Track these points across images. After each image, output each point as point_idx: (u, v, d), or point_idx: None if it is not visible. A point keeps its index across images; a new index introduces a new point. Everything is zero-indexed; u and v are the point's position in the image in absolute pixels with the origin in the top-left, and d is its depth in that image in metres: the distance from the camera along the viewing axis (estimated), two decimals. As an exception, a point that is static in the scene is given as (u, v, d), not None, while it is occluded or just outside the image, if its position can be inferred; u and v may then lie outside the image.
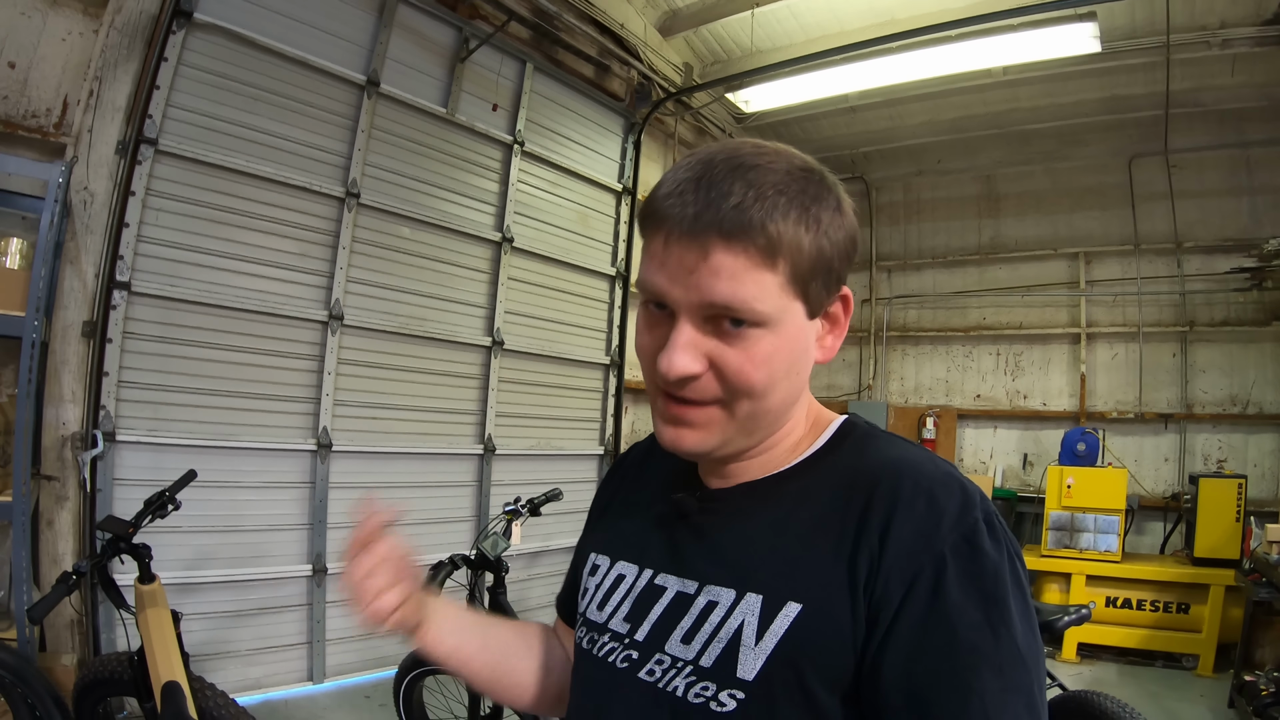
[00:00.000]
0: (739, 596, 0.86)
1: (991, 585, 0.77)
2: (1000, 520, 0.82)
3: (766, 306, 0.82)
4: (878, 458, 0.89)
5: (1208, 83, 6.96)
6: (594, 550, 1.10)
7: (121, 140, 4.05)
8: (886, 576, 0.78)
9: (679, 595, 0.92)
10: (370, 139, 5.20)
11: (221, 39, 4.44)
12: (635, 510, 1.09)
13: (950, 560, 0.77)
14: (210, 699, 2.84)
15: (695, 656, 0.87)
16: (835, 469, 0.91)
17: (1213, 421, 7.59)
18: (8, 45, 3.79)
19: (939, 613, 0.76)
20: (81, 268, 3.95)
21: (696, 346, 0.83)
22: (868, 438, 0.95)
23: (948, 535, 0.79)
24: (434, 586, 3.08)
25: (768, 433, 0.93)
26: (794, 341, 0.86)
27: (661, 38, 7.41)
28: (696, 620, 0.89)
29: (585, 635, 1.03)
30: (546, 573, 6.46)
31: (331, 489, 5.00)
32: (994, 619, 0.75)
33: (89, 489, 3.94)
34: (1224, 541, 6.28)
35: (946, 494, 0.81)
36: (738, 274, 0.80)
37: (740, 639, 0.83)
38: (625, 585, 1.00)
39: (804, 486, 0.91)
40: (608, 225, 7.18)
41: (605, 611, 1.01)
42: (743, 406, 0.86)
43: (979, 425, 8.81)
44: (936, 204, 9.32)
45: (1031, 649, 0.77)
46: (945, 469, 0.86)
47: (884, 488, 0.83)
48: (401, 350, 5.47)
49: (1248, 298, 7.45)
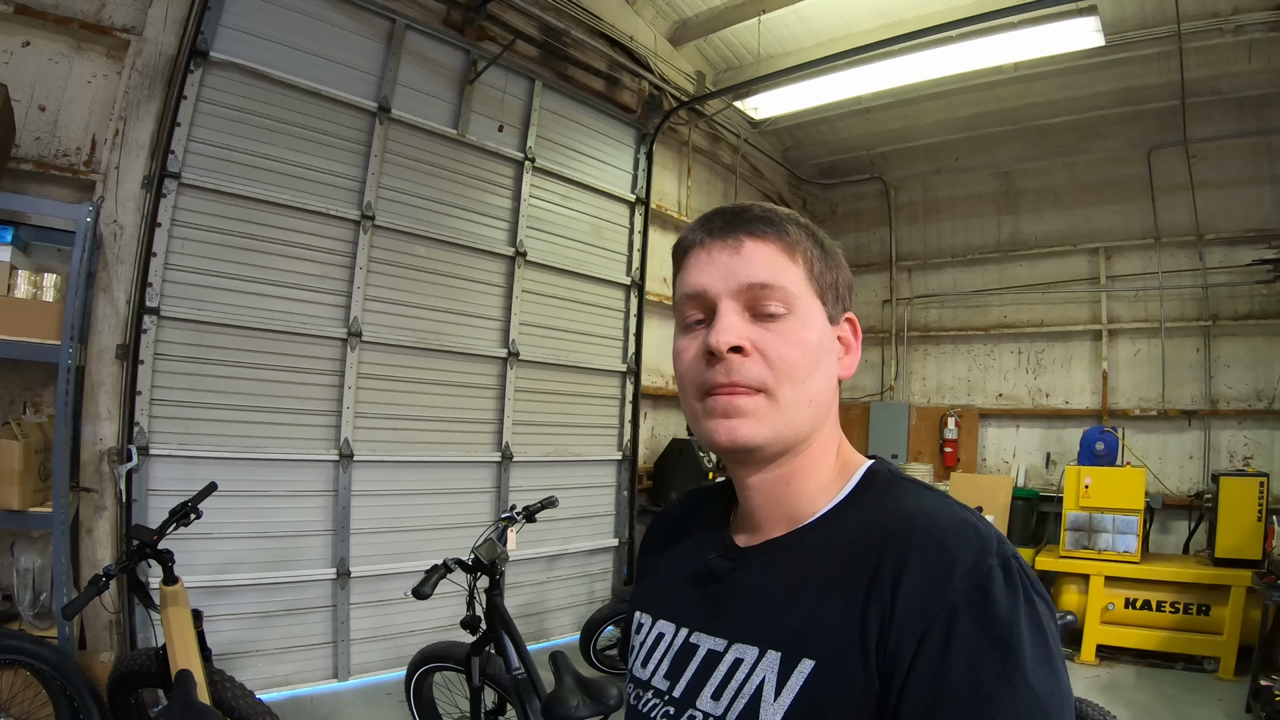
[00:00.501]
0: (761, 654, 0.90)
1: (1005, 633, 0.77)
2: (1020, 563, 0.83)
3: (796, 289, 0.94)
4: (894, 510, 0.91)
5: (1224, 70, 6.91)
6: (639, 609, 1.16)
7: (147, 175, 4.37)
8: (899, 630, 0.80)
9: (710, 653, 0.97)
10: (383, 163, 5.47)
11: (237, 75, 4.74)
12: (673, 569, 1.14)
13: (962, 610, 0.78)
14: (229, 690, 3.12)
15: (723, 713, 0.91)
16: (854, 522, 0.93)
17: (1238, 417, 7.52)
18: (38, 89, 4.14)
19: (951, 664, 0.76)
20: (114, 295, 4.28)
21: (741, 326, 0.93)
22: (887, 487, 0.97)
23: (959, 584, 0.79)
24: None
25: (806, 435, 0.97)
26: (821, 334, 0.96)
27: (672, 47, 7.58)
28: (724, 677, 0.93)
29: (633, 691, 1.09)
30: (565, 575, 6.69)
31: (354, 496, 5.28)
32: (1009, 668, 0.75)
33: (125, 499, 4.28)
34: (1245, 541, 6.21)
35: (959, 542, 0.82)
36: (767, 259, 0.94)
37: (761, 695, 0.87)
38: (664, 643, 1.05)
39: (824, 540, 0.94)
40: (621, 235, 7.37)
41: (648, 669, 1.06)
42: (785, 392, 0.92)
43: (1001, 425, 8.81)
44: (955, 202, 9.35)
45: (1053, 695, 0.76)
46: (960, 515, 0.87)
47: (896, 540, 0.85)
48: (419, 364, 5.72)
49: (1272, 289, 7.34)
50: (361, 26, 5.36)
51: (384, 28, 5.47)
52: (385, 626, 5.41)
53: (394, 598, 5.36)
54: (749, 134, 8.91)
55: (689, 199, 8.38)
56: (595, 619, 5.55)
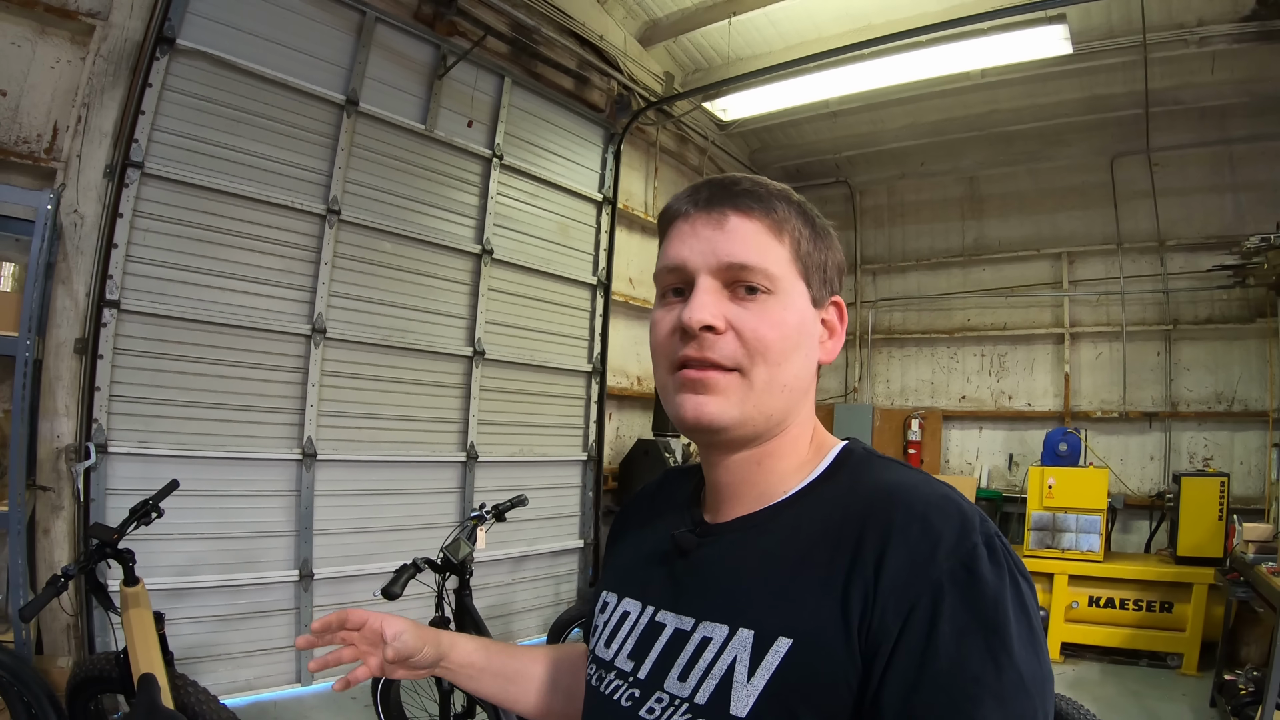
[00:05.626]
0: (731, 632, 0.88)
1: (991, 612, 0.77)
2: (1003, 542, 0.83)
3: (778, 270, 0.93)
4: (872, 484, 0.91)
5: (1188, 80, 7.22)
6: (605, 588, 1.15)
7: (109, 164, 4.39)
8: (883, 608, 0.79)
9: (676, 632, 0.95)
10: (350, 157, 5.54)
11: (204, 64, 4.78)
12: (640, 547, 1.12)
13: (947, 588, 0.77)
14: (193, 695, 3.12)
15: (690, 694, 0.89)
16: (829, 497, 0.92)
17: (1198, 419, 7.88)
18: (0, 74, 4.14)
19: (937, 643, 0.76)
20: (73, 287, 4.29)
21: (716, 304, 0.92)
22: (863, 464, 0.96)
23: (944, 562, 0.79)
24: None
25: (779, 420, 0.96)
26: (803, 316, 0.95)
27: (642, 48, 7.75)
28: (691, 657, 0.91)
29: (594, 672, 1.07)
30: (531, 577, 6.79)
31: (317, 496, 5.33)
32: (994, 647, 0.75)
33: (83, 499, 4.27)
34: (1207, 540, 6.53)
35: (943, 518, 0.82)
36: (750, 237, 0.92)
37: (733, 676, 0.85)
38: (629, 623, 1.04)
39: (798, 516, 0.93)
40: (588, 235, 7.52)
41: (611, 649, 1.05)
42: (760, 374, 0.91)
43: (964, 426, 9.12)
44: (920, 206, 9.66)
45: (1036, 676, 0.77)
46: (942, 491, 0.87)
47: (877, 516, 0.84)
48: (384, 361, 5.79)
49: (1231, 295, 7.70)
50: (331, 18, 5.43)
51: (354, 20, 5.55)
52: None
53: (358, 600, 5.39)
54: (716, 136, 9.11)
55: (655, 200, 8.55)
56: (562, 620, 5.62)
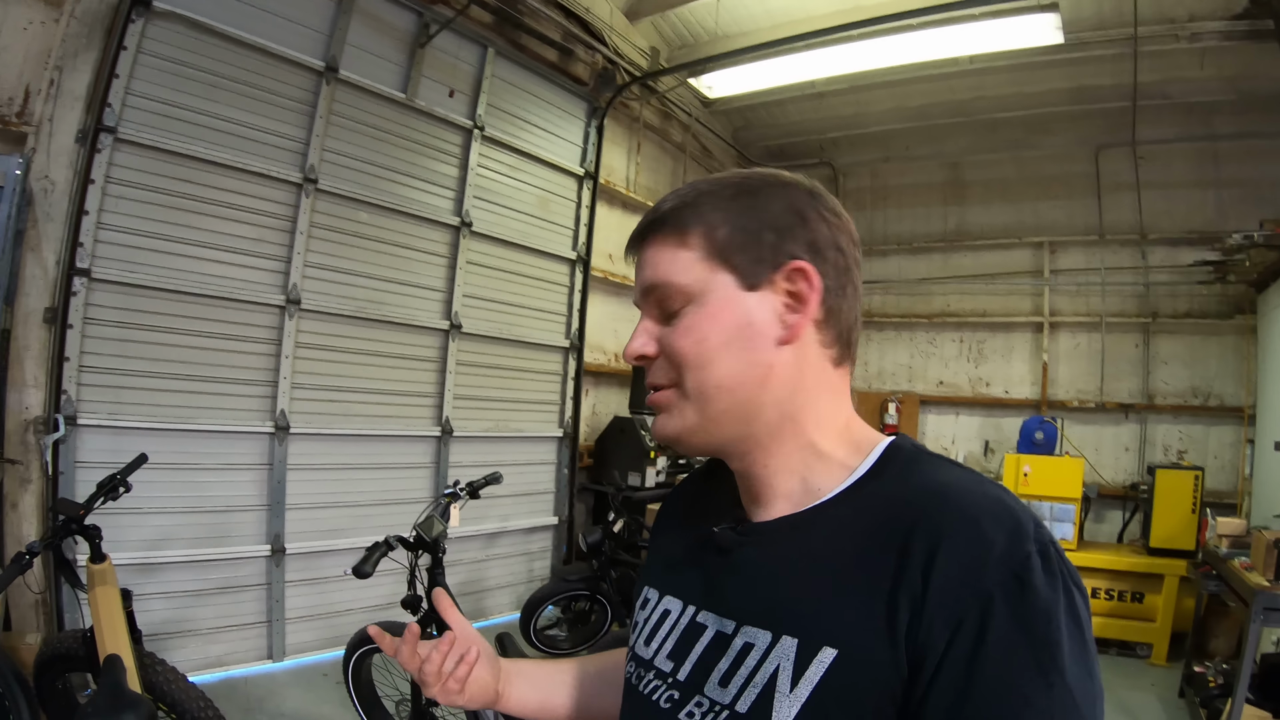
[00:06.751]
0: (774, 639, 0.86)
1: (1044, 626, 0.74)
2: (1058, 549, 0.80)
3: (686, 278, 0.93)
4: (921, 485, 0.87)
5: (1176, 75, 7.31)
6: (646, 583, 1.12)
7: (81, 129, 4.31)
8: (930, 619, 0.76)
9: (718, 635, 0.93)
10: (329, 124, 5.48)
11: (180, 27, 4.70)
12: (683, 542, 1.10)
13: (998, 600, 0.75)
14: (161, 674, 3.12)
15: (731, 701, 0.87)
16: (876, 499, 0.89)
17: (1173, 412, 8.07)
18: (-31, 35, 4.05)
19: (985, 659, 0.74)
20: (42, 255, 4.23)
21: (649, 333, 0.97)
22: (912, 462, 0.92)
23: (995, 572, 0.76)
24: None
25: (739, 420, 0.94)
26: (725, 311, 0.92)
27: (628, 22, 7.72)
28: (733, 663, 0.89)
29: (633, 670, 1.05)
30: (504, 553, 6.86)
31: (290, 470, 5.32)
32: (1045, 664, 0.73)
33: (51, 472, 4.25)
34: (1179, 532, 6.68)
35: (995, 524, 0.78)
36: (657, 259, 0.96)
37: (775, 685, 0.83)
38: (670, 621, 1.02)
39: (843, 518, 0.90)
40: (569, 209, 7.51)
41: (651, 648, 1.03)
42: (689, 381, 0.93)
43: (941, 411, 9.28)
44: (903, 190, 9.74)
45: (1088, 694, 0.74)
46: (994, 494, 0.83)
47: (927, 520, 0.81)
48: (359, 334, 5.78)
49: (1211, 290, 7.86)
50: (311, -18, 5.34)
51: (334, -16, 5.47)
52: (321, 605, 5.49)
53: (330, 575, 5.43)
54: (700, 113, 9.10)
55: (638, 175, 8.54)
56: (536, 598, 5.69)
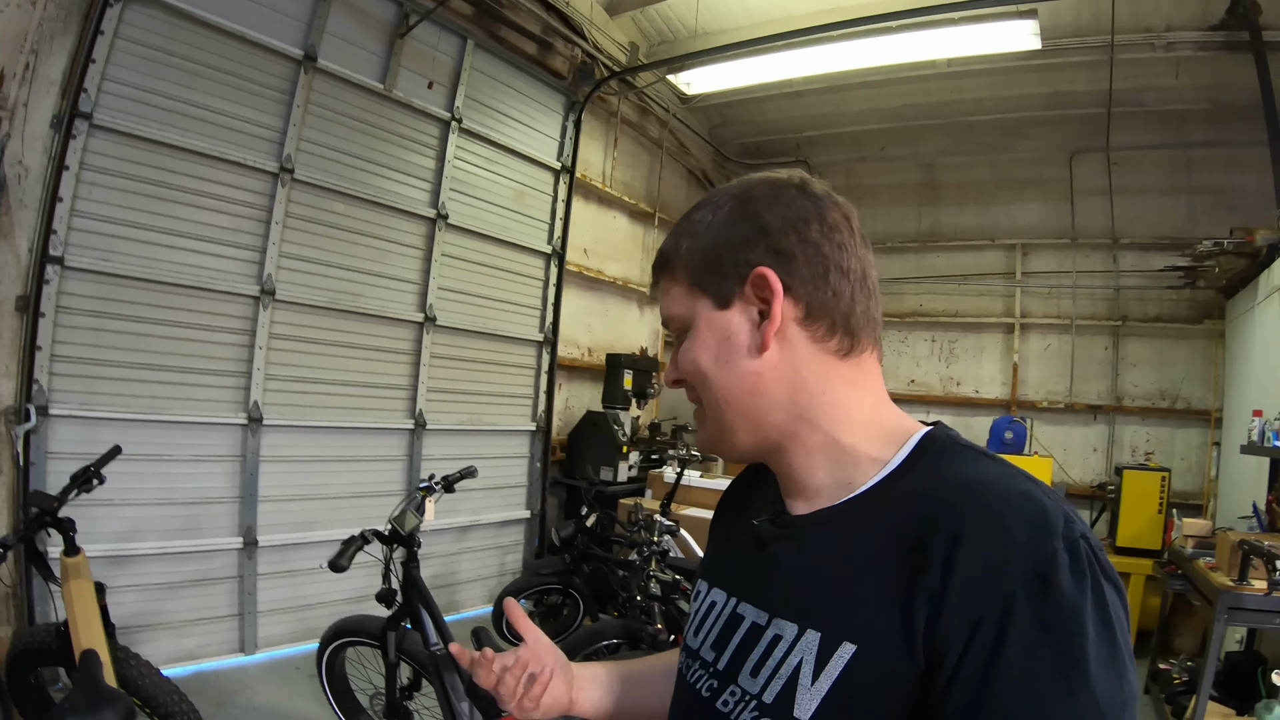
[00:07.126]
0: (800, 632, 0.87)
1: (1068, 628, 0.72)
2: (1090, 545, 0.77)
3: (678, 310, 1.02)
4: (947, 480, 0.86)
5: (1151, 83, 7.49)
6: (700, 575, 1.16)
7: (56, 114, 4.27)
8: (949, 619, 0.75)
9: (753, 626, 0.95)
10: (306, 114, 5.46)
11: (158, 12, 4.66)
12: (731, 535, 1.14)
13: (1020, 600, 0.73)
14: (135, 668, 3.11)
15: (760, 691, 0.89)
16: (903, 494, 0.88)
17: (1141, 414, 8.28)
18: (-57, 16, 3.99)
19: (1005, 661, 0.72)
20: (15, 242, 4.19)
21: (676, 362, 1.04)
22: (942, 455, 0.91)
23: (1018, 570, 0.74)
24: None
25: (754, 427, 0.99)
26: (709, 333, 0.99)
27: (608, 16, 7.74)
28: (764, 654, 0.91)
29: (684, 660, 1.09)
30: (476, 546, 6.88)
31: (262, 462, 5.31)
32: (1067, 668, 0.71)
33: (23, 463, 4.20)
34: (1145, 532, 6.84)
35: (1020, 520, 0.77)
36: (663, 297, 1.05)
37: (798, 678, 0.85)
38: (715, 613, 1.04)
39: (870, 514, 0.90)
40: (545, 203, 7.54)
41: (698, 639, 1.06)
42: (703, 399, 1.01)
43: (911, 410, 8.93)
44: (878, 190, 9.85)
45: (1113, 700, 0.72)
46: (1022, 488, 0.81)
47: (949, 516, 0.80)
48: (333, 325, 5.77)
49: (1180, 295, 8.06)
50: (290, -30, 5.32)
51: (315, -28, 5.44)
52: (294, 598, 5.49)
53: (302, 568, 5.43)
54: (678, 109, 9.15)
55: (614, 170, 8.58)
56: (508, 592, 5.71)
